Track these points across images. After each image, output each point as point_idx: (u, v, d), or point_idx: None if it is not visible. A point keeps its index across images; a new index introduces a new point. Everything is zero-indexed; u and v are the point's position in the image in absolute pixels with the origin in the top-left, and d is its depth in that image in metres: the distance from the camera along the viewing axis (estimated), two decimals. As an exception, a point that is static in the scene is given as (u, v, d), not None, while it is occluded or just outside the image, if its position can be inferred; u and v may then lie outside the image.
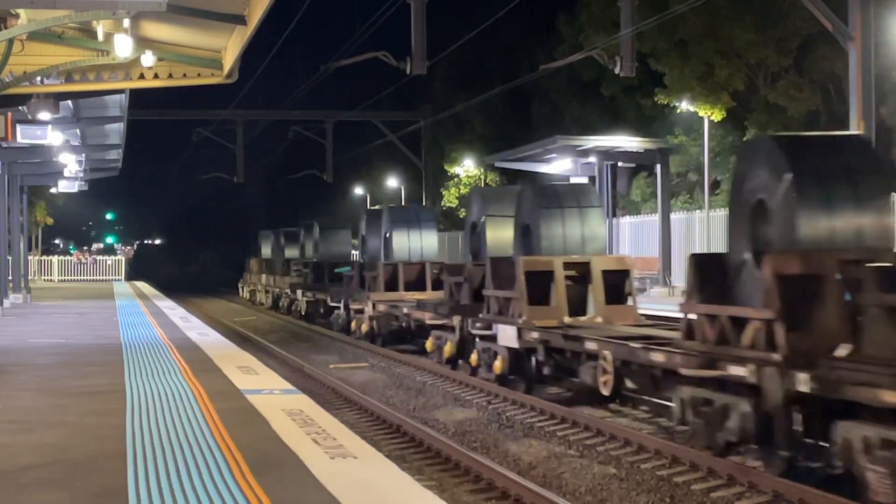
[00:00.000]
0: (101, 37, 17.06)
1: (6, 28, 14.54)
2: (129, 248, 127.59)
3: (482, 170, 49.77)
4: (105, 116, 26.19)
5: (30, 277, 41.45)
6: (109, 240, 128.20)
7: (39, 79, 17.90)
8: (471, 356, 16.19)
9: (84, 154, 31.94)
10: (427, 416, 13.56)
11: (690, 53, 32.12)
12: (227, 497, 6.26)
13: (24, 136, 19.40)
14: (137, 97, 25.38)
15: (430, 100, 54.69)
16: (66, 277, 53.32)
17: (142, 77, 18.65)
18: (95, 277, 53.63)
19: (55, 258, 57.14)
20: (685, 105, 32.15)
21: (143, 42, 17.35)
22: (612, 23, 30.52)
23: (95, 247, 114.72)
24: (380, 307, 22.33)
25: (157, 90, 20.42)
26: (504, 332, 14.85)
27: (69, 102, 21.99)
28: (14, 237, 32.90)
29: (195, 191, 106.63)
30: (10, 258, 31.91)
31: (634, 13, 25.87)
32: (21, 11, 14.47)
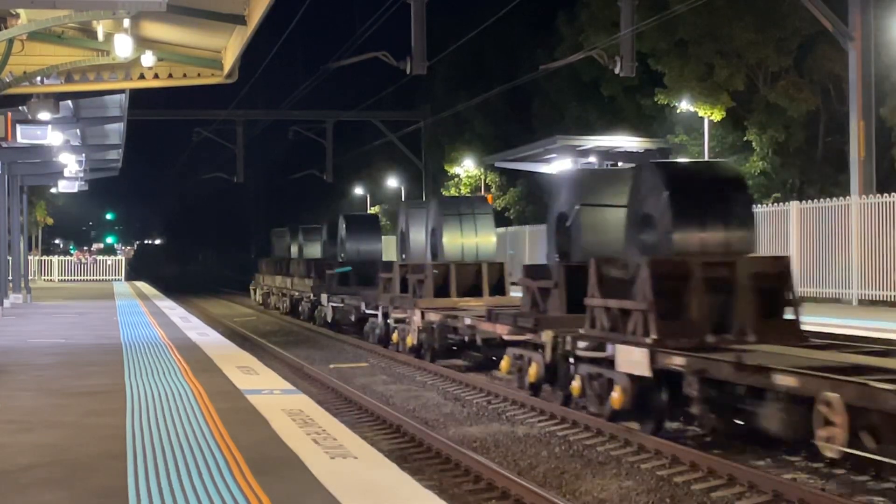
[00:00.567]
0: (101, 37, 17.08)
1: (6, 28, 14.55)
2: (129, 248, 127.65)
3: (482, 170, 49.76)
4: (105, 116, 26.21)
5: (30, 277, 41.40)
6: (109, 240, 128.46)
7: (39, 79, 17.92)
8: (572, 383, 12.61)
9: (84, 154, 31.95)
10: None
11: (690, 53, 32.12)
12: (227, 497, 6.26)
13: (24, 136, 19.39)
14: (137, 97, 25.39)
15: (430, 100, 54.71)
16: (66, 277, 53.30)
17: (142, 77, 18.68)
18: (95, 277, 53.60)
19: (55, 258, 57.12)
20: (685, 105, 32.15)
21: (143, 42, 17.38)
22: (612, 23, 30.54)
23: (95, 247, 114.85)
24: (430, 316, 18.71)
25: (157, 90, 20.45)
26: (626, 355, 11.40)
27: (69, 102, 22.01)
28: (14, 237, 32.86)
29: (195, 191, 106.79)
30: (10, 258, 31.88)
31: (634, 13, 25.91)
32: (21, 11, 14.49)
